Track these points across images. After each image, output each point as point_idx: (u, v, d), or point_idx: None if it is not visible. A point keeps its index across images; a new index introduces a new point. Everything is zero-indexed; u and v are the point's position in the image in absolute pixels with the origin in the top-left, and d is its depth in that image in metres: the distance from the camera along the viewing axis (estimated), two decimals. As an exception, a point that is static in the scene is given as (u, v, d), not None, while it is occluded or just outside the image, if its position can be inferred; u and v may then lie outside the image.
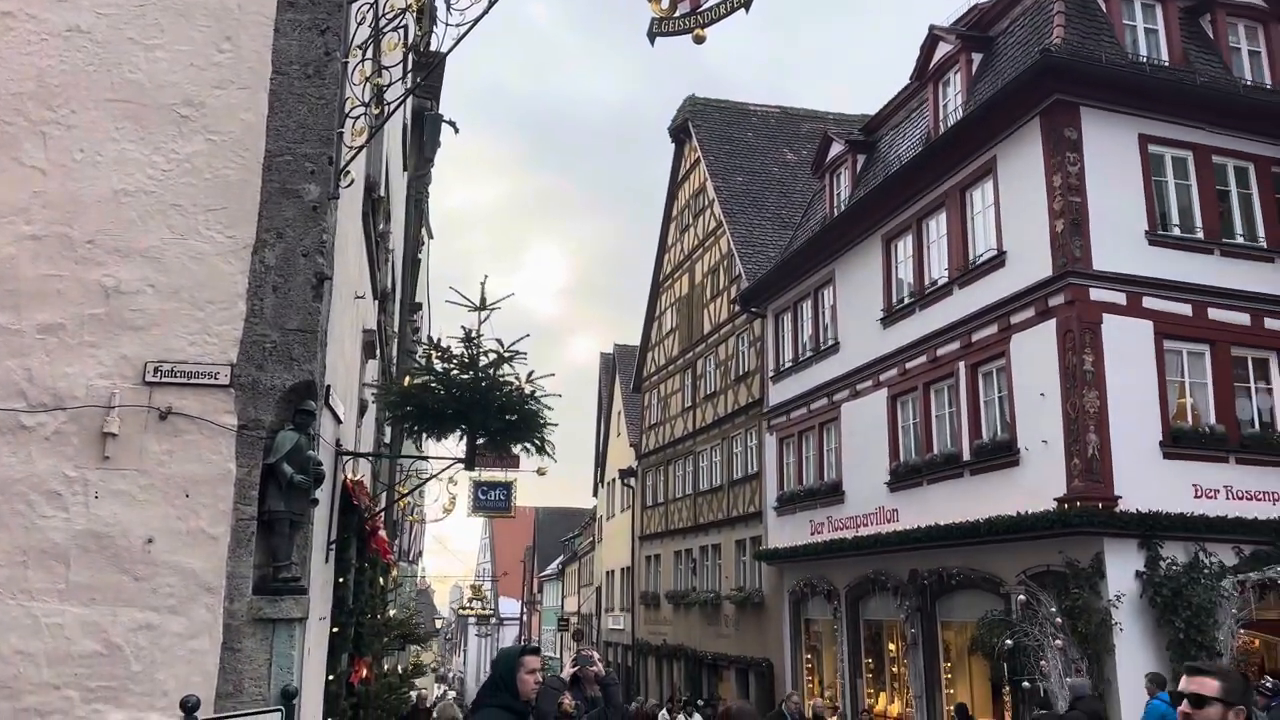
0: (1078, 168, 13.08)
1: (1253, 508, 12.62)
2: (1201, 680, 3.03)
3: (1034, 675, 12.14)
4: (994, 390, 14.41)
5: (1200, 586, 11.77)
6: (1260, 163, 14.02)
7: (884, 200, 17.32)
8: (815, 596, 19.21)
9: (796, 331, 21.15)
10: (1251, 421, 13.21)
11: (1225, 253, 13.58)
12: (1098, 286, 12.85)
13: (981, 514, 13.54)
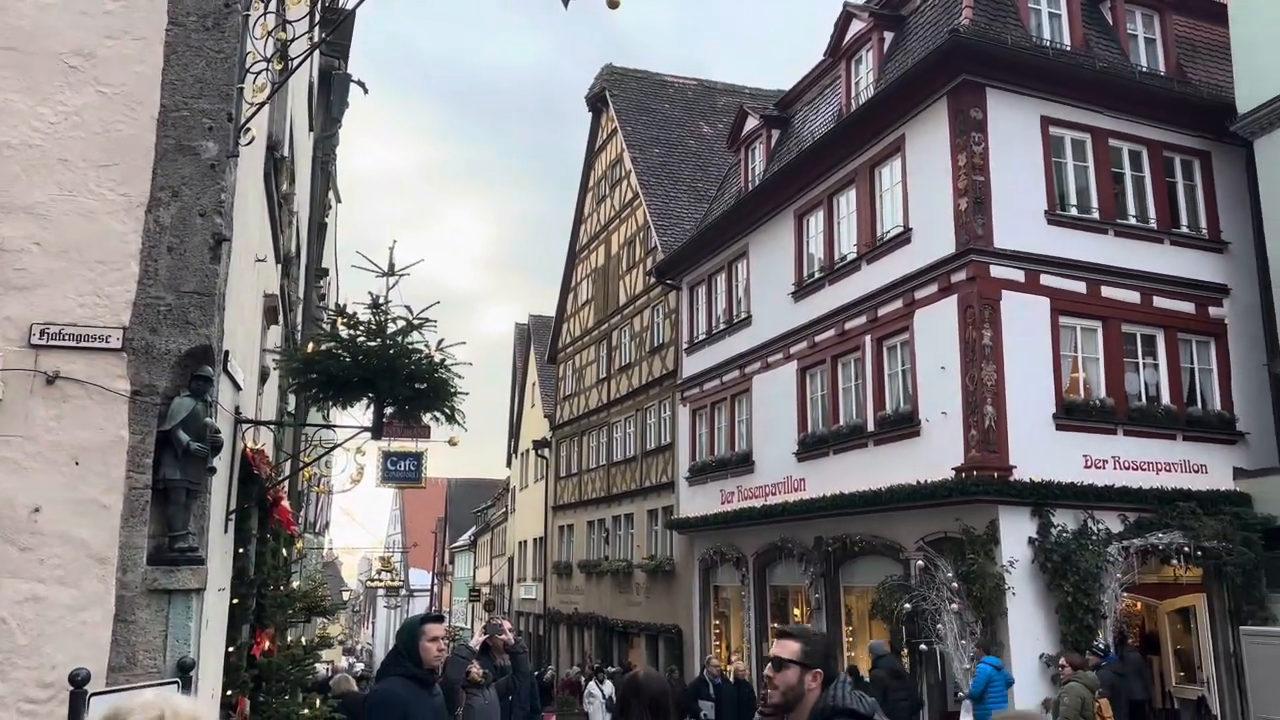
0: (982, 147, 13.46)
1: (1138, 477, 13.29)
2: (783, 643, 3.10)
3: (931, 638, 12.62)
4: (898, 363, 14.81)
5: (1088, 552, 12.37)
6: (1153, 147, 14.64)
7: (797, 176, 17.55)
8: (724, 564, 19.57)
9: (711, 304, 21.34)
10: (1139, 395, 13.87)
11: (1119, 233, 14.17)
12: (998, 264, 13.28)
13: (884, 483, 13.95)
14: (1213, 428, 14.02)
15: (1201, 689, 13.36)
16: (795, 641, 3.09)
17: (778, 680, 3.04)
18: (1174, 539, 12.82)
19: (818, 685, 2.98)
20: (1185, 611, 13.89)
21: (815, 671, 3.00)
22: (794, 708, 3.01)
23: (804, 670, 3.00)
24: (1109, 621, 12.37)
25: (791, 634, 3.18)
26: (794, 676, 3.01)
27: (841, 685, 2.99)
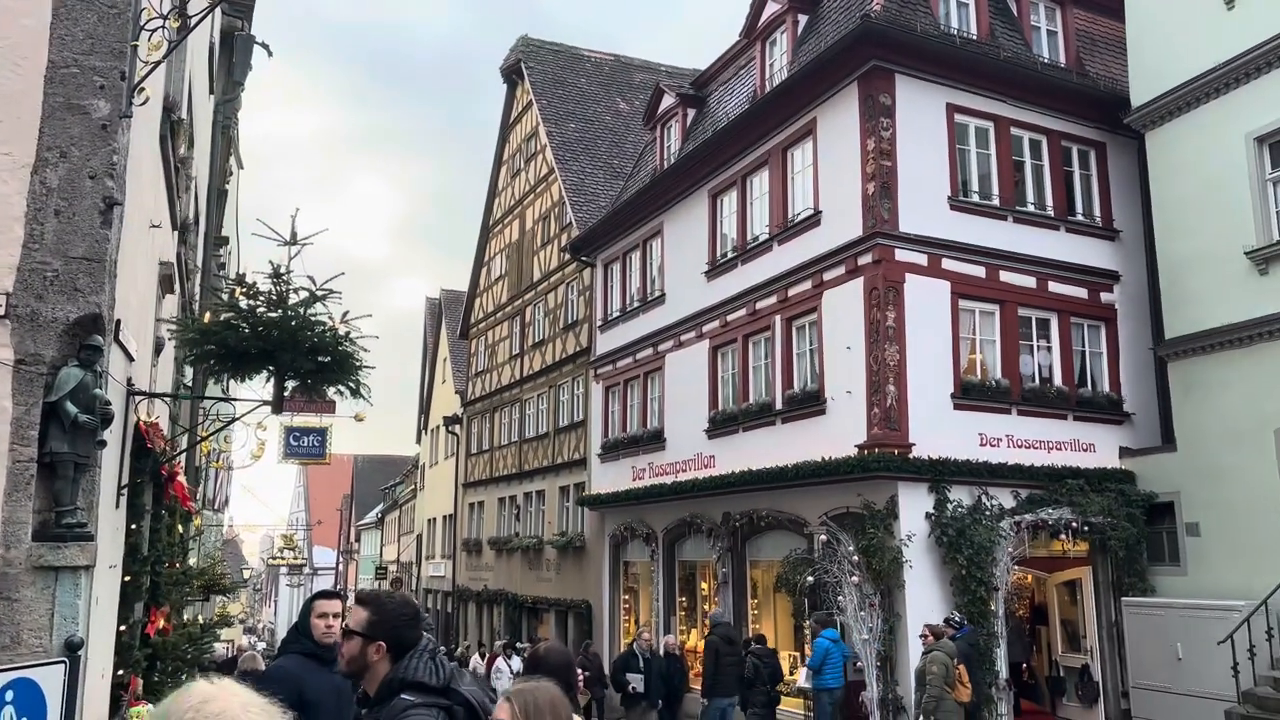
0: (890, 133, 13.75)
1: (1030, 455, 13.86)
2: (354, 610, 3.01)
3: (832, 609, 12.98)
4: (806, 343, 15.11)
5: (982, 527, 12.87)
6: (1052, 136, 15.18)
7: (711, 156, 17.66)
8: (634, 540, 19.74)
9: (625, 282, 21.37)
10: (1033, 376, 14.43)
11: (1018, 219, 14.67)
12: (903, 248, 13.63)
13: (791, 460, 14.24)
14: (1101, 408, 14.69)
15: (1085, 657, 14.08)
16: (365, 610, 2.95)
17: (344, 649, 2.95)
18: (1063, 515, 13.43)
19: (381, 657, 2.87)
20: (1072, 584, 14.60)
21: (378, 644, 2.89)
22: (362, 677, 2.92)
23: (366, 641, 2.89)
24: (1000, 593, 12.91)
25: (364, 601, 3.03)
26: (357, 647, 2.91)
27: (418, 656, 2.86)
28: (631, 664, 13.46)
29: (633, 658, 13.67)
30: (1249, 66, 12.82)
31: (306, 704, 4.19)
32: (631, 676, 13.30)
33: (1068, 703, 14.35)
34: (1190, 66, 13.63)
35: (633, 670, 13.36)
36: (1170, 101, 13.97)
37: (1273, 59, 12.52)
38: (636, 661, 13.52)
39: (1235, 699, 11.31)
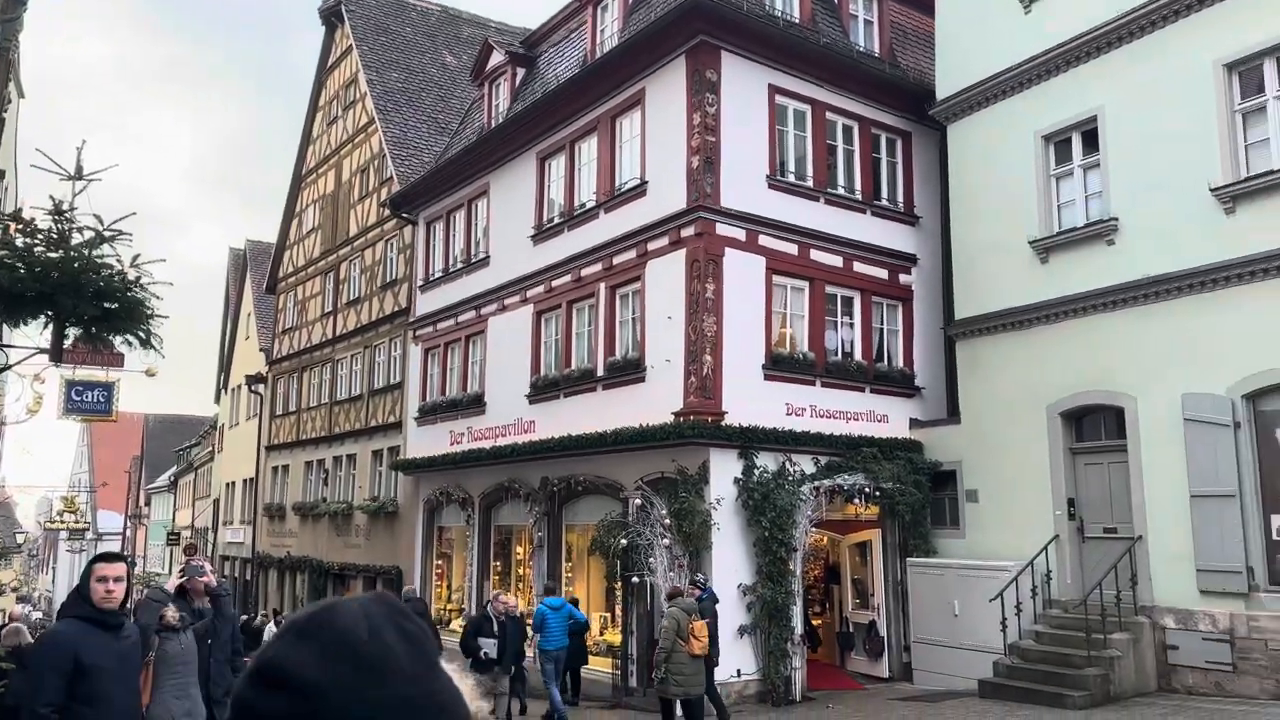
0: (715, 109, 14.04)
1: (831, 424, 14.64)
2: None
3: (643, 571, 13.31)
4: (629, 311, 15.29)
5: (785, 491, 13.52)
6: (864, 123, 15.94)
7: (540, 118, 17.46)
8: (450, 504, 19.49)
9: (448, 241, 20.88)
10: (836, 351, 15.21)
11: (829, 201, 15.35)
12: (723, 222, 13.99)
13: (611, 425, 14.43)
14: (896, 382, 15.69)
15: (873, 614, 15.10)
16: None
17: None
18: (858, 480, 14.29)
19: None
20: (863, 545, 15.59)
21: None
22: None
23: None
24: (799, 554, 13.63)
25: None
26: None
27: None
28: (485, 628, 12.63)
29: (486, 622, 12.72)
30: (1041, 68, 13.91)
31: (84, 669, 3.91)
32: (484, 642, 12.57)
33: (855, 656, 15.38)
34: (990, 65, 14.63)
35: (486, 635, 12.67)
36: (970, 97, 14.96)
37: (1061, 62, 13.63)
38: (490, 626, 12.61)
39: (1003, 651, 12.47)
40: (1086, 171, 13.45)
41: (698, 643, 10.57)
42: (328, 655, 0.91)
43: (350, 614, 0.95)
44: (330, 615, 0.95)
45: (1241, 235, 11.33)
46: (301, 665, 0.90)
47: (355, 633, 0.93)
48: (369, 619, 0.95)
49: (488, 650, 12.29)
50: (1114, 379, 12.59)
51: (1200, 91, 11.88)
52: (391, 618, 0.97)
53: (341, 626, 0.94)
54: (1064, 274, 13.39)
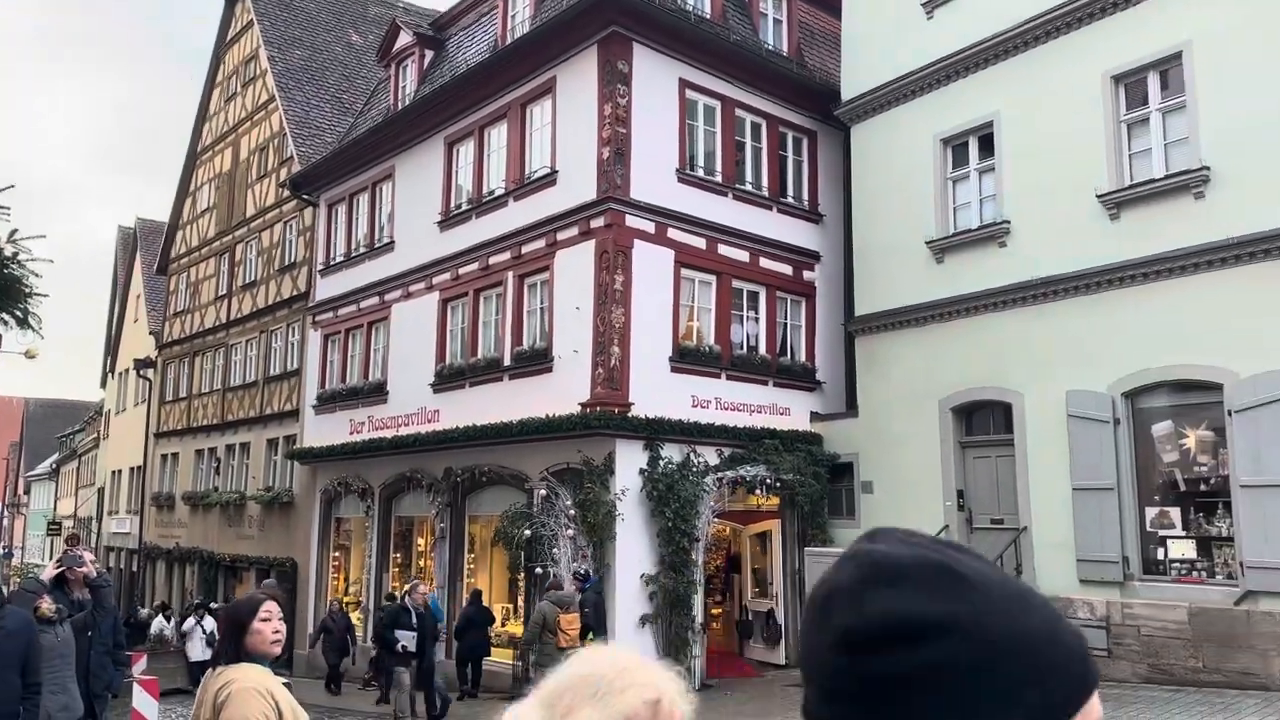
0: (627, 100, 14.05)
1: (735, 416, 14.85)
2: None
3: (546, 562, 13.28)
4: (538, 301, 15.20)
5: (689, 482, 13.66)
6: (771, 121, 16.18)
7: (449, 102, 17.18)
8: (349, 495, 19.07)
9: (351, 225, 20.38)
10: (741, 344, 15.43)
11: (737, 197, 15.54)
12: (633, 214, 14.03)
13: (517, 415, 14.33)
14: (798, 376, 16.00)
15: (772, 602, 15.39)
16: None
17: None
18: (760, 472, 14.53)
19: None
20: (764, 535, 15.87)
21: None
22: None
23: None
24: (701, 544, 13.80)
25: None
26: None
27: None
28: (403, 620, 12.06)
29: (404, 613, 12.17)
30: (941, 74, 14.34)
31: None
32: (402, 634, 12.15)
33: (754, 644, 15.66)
34: (893, 69, 15.01)
35: (404, 627, 12.26)
36: (874, 99, 15.33)
37: (961, 68, 14.07)
38: (409, 617, 12.09)
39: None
40: (982, 175, 13.95)
41: (565, 636, 10.74)
42: (947, 591, 0.77)
43: (923, 550, 0.80)
44: (914, 559, 0.79)
45: (1124, 240, 11.91)
46: (929, 605, 0.76)
47: (955, 567, 0.79)
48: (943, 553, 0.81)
49: (406, 643, 11.95)
50: (1003, 376, 13.10)
51: (1089, 101, 12.42)
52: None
53: (935, 562, 0.79)
54: (958, 274, 13.85)
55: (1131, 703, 10.10)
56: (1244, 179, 10.85)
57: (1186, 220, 11.32)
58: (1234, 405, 10.66)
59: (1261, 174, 10.70)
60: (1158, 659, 11.05)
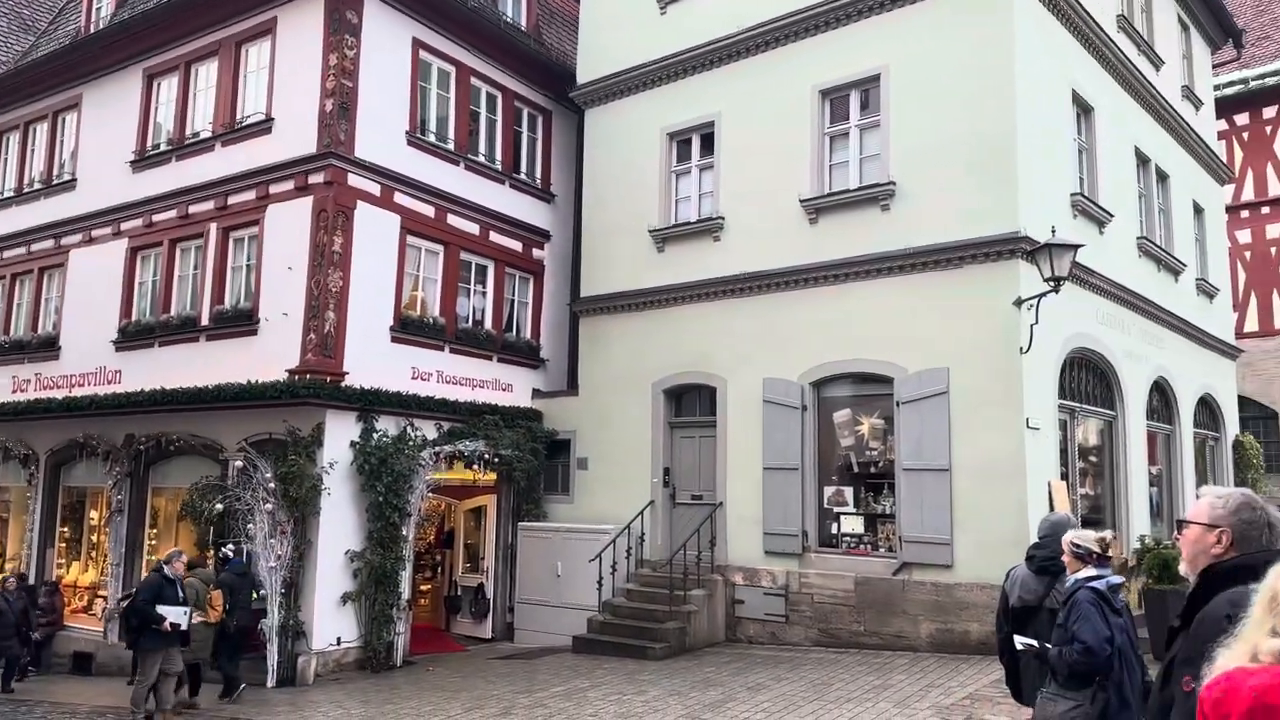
0: (355, 53, 13.37)
1: (457, 391, 14.63)
2: None
3: (240, 538, 12.44)
4: (244, 257, 14.14)
5: (404, 456, 13.29)
6: (507, 94, 16.04)
7: (151, 31, 15.51)
8: (9, 461, 16.83)
9: (25, 157, 17.93)
10: (467, 318, 15.22)
11: (469, 167, 15.27)
12: (356, 173, 13.40)
13: (214, 380, 13.27)
14: (522, 353, 16.05)
15: (482, 577, 15.38)
16: None
17: None
18: (478, 447, 14.42)
19: None
20: (479, 510, 15.82)
21: None
22: None
23: None
24: (413, 520, 13.50)
25: None
26: None
27: None
28: (167, 593, 10.50)
29: (167, 586, 10.59)
30: (671, 69, 14.86)
31: None
32: (169, 610, 10.53)
33: (461, 619, 15.59)
34: (626, 58, 15.37)
35: (169, 601, 10.47)
36: (607, 86, 15.63)
37: (689, 66, 14.65)
38: (173, 590, 10.58)
39: (597, 608, 13.29)
40: (702, 171, 14.63)
41: (214, 611, 10.78)
42: None
43: None
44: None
45: (820, 243, 12.96)
46: None
47: None
48: None
49: (175, 619, 10.59)
50: (710, 362, 13.86)
51: (799, 112, 13.37)
52: None
53: None
54: (677, 263, 14.47)
55: (803, 664, 11.09)
56: (921, 196, 12.16)
57: (874, 229, 12.51)
58: (901, 397, 11.94)
59: (934, 193, 12.04)
60: (827, 624, 12.21)
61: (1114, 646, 4.82)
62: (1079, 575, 5.11)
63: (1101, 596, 4.92)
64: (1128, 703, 4.84)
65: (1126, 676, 4.88)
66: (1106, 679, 4.83)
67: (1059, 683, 4.96)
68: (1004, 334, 11.27)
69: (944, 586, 11.23)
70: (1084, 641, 4.77)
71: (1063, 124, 12.76)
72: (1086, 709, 4.80)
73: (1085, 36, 13.22)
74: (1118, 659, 4.84)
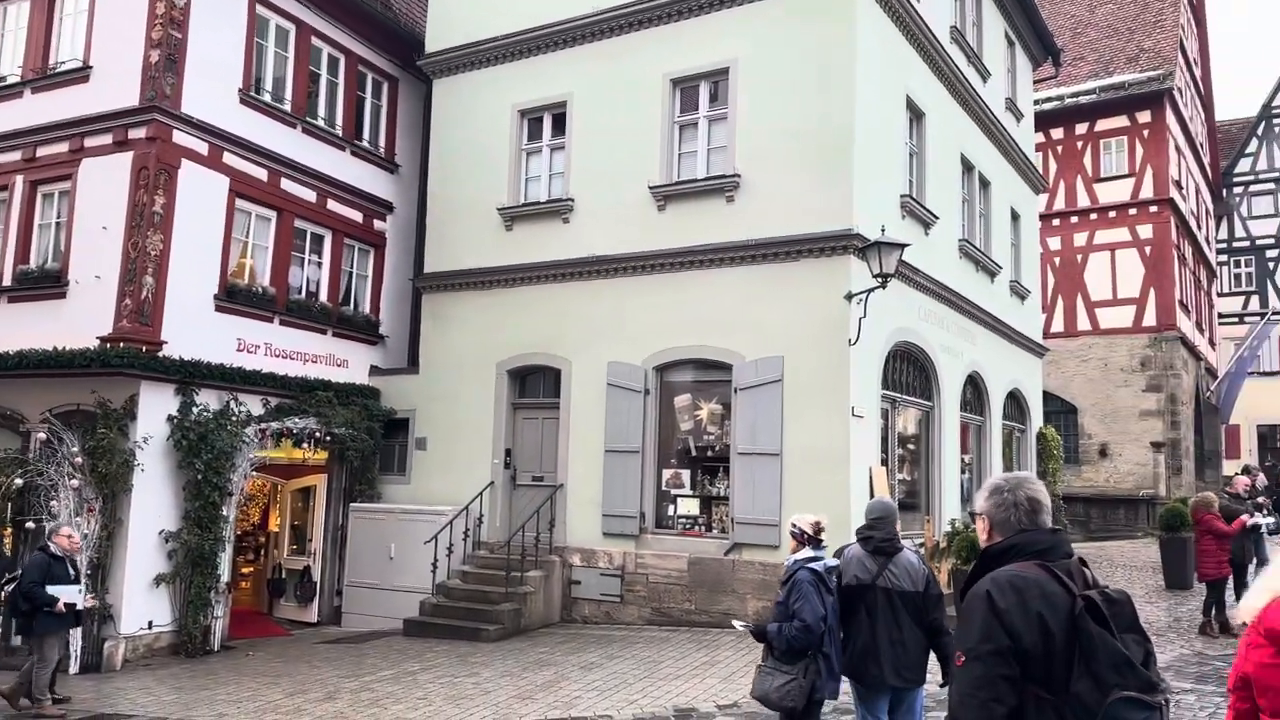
0: (185, 2, 12.55)
1: (287, 365, 14.03)
2: None
3: (42, 515, 11.54)
4: (53, 214, 13.09)
5: (226, 432, 12.64)
6: (351, 58, 15.43)
7: (-51, -42, 14.06)
8: None
9: None
10: (300, 289, 14.60)
11: (307, 130, 14.62)
12: (182, 130, 12.61)
13: (14, 345, 12.23)
14: (360, 328, 15.53)
15: (309, 559, 14.84)
16: None
17: None
18: (309, 424, 13.89)
19: None
20: (307, 490, 15.24)
21: None
22: None
23: None
24: (234, 499, 12.88)
25: None
26: None
27: None
28: (56, 571, 9.48)
29: (55, 564, 9.55)
30: (524, 45, 14.66)
31: None
32: (60, 590, 9.36)
33: (285, 603, 15.01)
34: (479, 30, 15.06)
35: (60, 580, 9.45)
36: (458, 57, 15.28)
37: (543, 44, 14.50)
38: (63, 568, 9.58)
39: (431, 591, 13.08)
40: (553, 152, 14.53)
41: None
42: None
43: None
44: None
45: (668, 230, 13.12)
46: None
47: None
48: None
49: (70, 599, 9.47)
50: (556, 344, 13.83)
51: (651, 99, 13.47)
52: None
53: None
54: (526, 243, 14.34)
55: (635, 642, 11.29)
56: (764, 189, 12.50)
57: (720, 219, 12.77)
58: (739, 384, 12.29)
59: (776, 187, 12.40)
60: (661, 603, 12.45)
61: (827, 624, 5.31)
62: (798, 556, 5.60)
63: (819, 577, 5.40)
64: (834, 674, 5.39)
65: (834, 651, 5.41)
66: (819, 653, 5.32)
67: (775, 657, 5.40)
68: (835, 326, 11.76)
69: (771, 566, 11.65)
70: (804, 620, 5.24)
71: (897, 127, 13.40)
72: (800, 681, 5.26)
73: (921, 45, 13.91)
74: (829, 635, 5.34)
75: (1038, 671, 2.42)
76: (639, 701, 8.57)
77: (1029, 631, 2.43)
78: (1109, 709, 2.27)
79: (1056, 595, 2.47)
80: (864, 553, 5.71)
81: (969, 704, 2.45)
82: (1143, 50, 26.85)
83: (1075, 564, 2.57)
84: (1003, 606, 2.48)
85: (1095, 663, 2.33)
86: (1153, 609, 12.62)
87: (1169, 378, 24.86)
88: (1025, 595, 2.48)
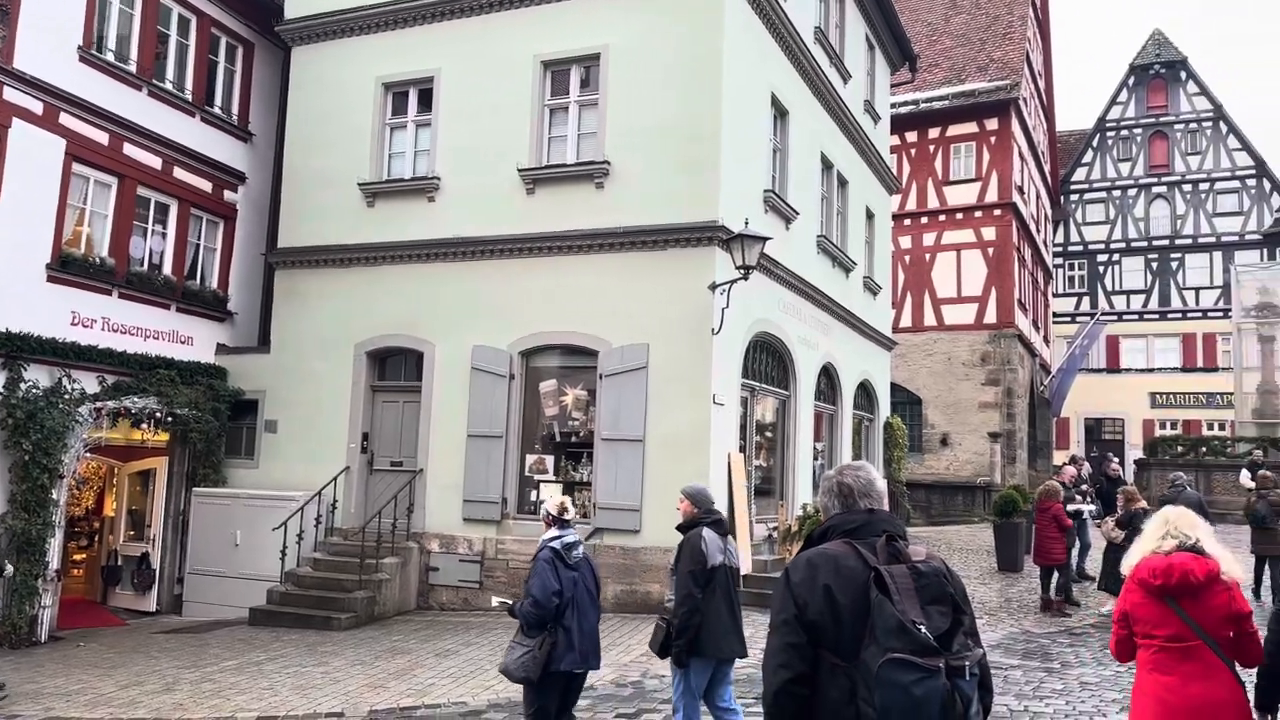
0: (15, -54, 11.59)
1: (126, 341, 13.23)
2: None
3: None
4: None
5: (57, 411, 11.84)
6: (204, 20, 14.62)
7: None
8: None
9: None
10: (142, 261, 13.76)
11: (153, 94, 13.78)
12: (14, 86, 11.70)
13: None
14: (207, 304, 14.77)
15: (147, 546, 14.07)
16: None
17: None
18: (149, 404, 13.16)
19: None
20: (146, 473, 14.43)
21: None
22: None
23: None
24: (65, 481, 12.08)
25: None
26: None
27: None
28: None
29: None
30: (389, 17, 14.22)
31: None
32: None
33: (121, 591, 14.19)
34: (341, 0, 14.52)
35: None
36: (319, 25, 14.68)
37: (408, 17, 14.10)
38: None
39: (279, 579, 12.63)
40: (419, 128, 14.18)
41: None
42: None
43: None
44: None
45: (536, 214, 13.02)
46: None
47: None
48: None
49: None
50: (419, 325, 13.54)
51: (521, 80, 13.31)
52: None
53: None
54: (388, 221, 13.95)
55: (493, 629, 11.22)
56: (633, 177, 12.57)
57: (589, 205, 12.77)
58: (605, 370, 12.35)
59: (645, 176, 12.49)
60: (521, 588, 12.39)
61: (563, 598, 5.65)
62: (545, 536, 5.99)
63: (558, 554, 5.77)
64: (573, 645, 5.69)
65: (575, 621, 5.72)
66: (558, 626, 5.64)
67: (523, 631, 5.75)
68: (699, 315, 11.97)
69: (631, 550, 11.80)
70: (533, 595, 5.63)
71: (762, 124, 13.71)
72: (535, 654, 5.61)
73: (786, 44, 14.26)
74: (570, 608, 5.67)
75: (828, 640, 2.60)
76: (495, 687, 8.55)
77: (815, 602, 2.61)
78: (880, 670, 2.43)
79: (851, 569, 2.63)
80: (716, 535, 5.96)
81: (766, 668, 2.69)
82: (992, 60, 28.40)
83: (883, 541, 2.70)
84: (795, 580, 2.69)
85: (876, 629, 2.48)
86: (985, 590, 13.45)
87: (1006, 372, 26.48)
88: (817, 570, 2.66)
